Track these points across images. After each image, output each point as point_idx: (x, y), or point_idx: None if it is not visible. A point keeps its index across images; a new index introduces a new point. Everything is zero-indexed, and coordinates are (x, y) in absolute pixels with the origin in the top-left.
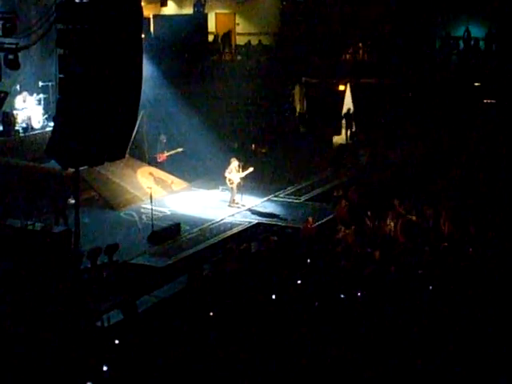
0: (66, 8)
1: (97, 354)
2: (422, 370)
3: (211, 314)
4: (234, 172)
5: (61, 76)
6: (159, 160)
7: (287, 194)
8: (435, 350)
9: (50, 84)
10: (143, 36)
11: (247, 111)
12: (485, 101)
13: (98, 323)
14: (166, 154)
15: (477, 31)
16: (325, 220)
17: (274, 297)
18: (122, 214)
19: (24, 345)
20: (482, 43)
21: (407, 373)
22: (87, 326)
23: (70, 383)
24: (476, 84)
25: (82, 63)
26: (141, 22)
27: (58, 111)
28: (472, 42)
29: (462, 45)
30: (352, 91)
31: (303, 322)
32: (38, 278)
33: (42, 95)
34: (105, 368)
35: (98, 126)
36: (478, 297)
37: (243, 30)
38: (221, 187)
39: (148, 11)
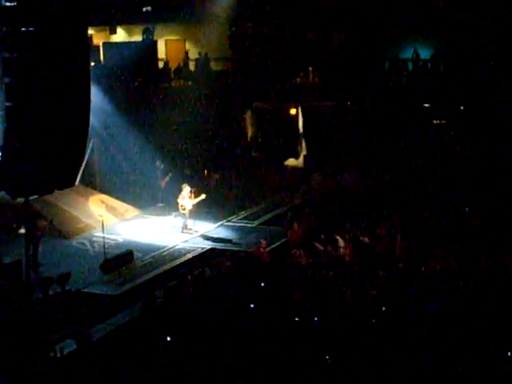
0: (12, 36)
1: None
2: None
3: (167, 339)
4: (187, 198)
5: (8, 104)
6: (162, 185)
7: (240, 219)
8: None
9: None
10: (92, 64)
11: (199, 136)
12: (435, 121)
13: (51, 354)
14: (164, 180)
15: (424, 52)
16: (278, 243)
17: (229, 321)
18: (73, 243)
19: None
20: (429, 64)
21: None
22: (40, 356)
23: None
24: (425, 105)
25: (28, 92)
26: (88, 49)
27: (6, 140)
28: (420, 63)
29: (410, 66)
30: (303, 115)
31: (259, 345)
32: None
33: None
34: None
35: (46, 154)
36: (436, 314)
37: (193, 56)
38: (173, 213)
39: (98, 39)
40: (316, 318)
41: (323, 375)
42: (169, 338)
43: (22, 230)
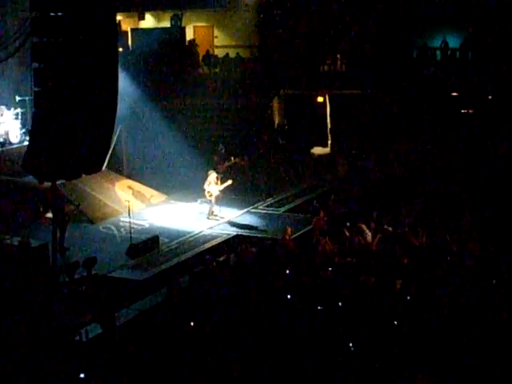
0: (42, 21)
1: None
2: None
3: (191, 325)
4: (213, 184)
5: (36, 90)
6: (219, 170)
7: (266, 206)
8: (416, 360)
9: (27, 98)
10: (121, 49)
11: (226, 124)
12: (462, 111)
13: (76, 337)
14: (227, 164)
15: (453, 41)
16: (303, 231)
17: (253, 308)
18: (100, 228)
19: (1, 359)
20: (457, 53)
21: None
22: (65, 340)
23: None
24: (453, 94)
25: (57, 77)
26: (116, 35)
27: (34, 125)
28: (449, 52)
29: (439, 55)
30: (330, 102)
31: (284, 333)
32: (16, 293)
33: (19, 110)
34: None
35: (74, 139)
36: (456, 307)
37: (221, 43)
38: (199, 200)
39: (126, 25)
40: (340, 304)
41: (346, 362)
42: (192, 324)
43: (49, 215)
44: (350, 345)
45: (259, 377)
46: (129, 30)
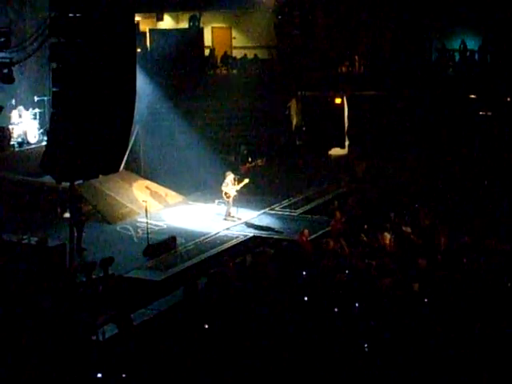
0: (60, 22)
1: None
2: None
3: (206, 326)
4: (230, 185)
5: (54, 90)
6: (242, 171)
7: (283, 207)
8: (432, 362)
9: (45, 98)
10: (139, 50)
11: (243, 125)
12: (481, 113)
13: (94, 337)
14: (248, 165)
15: (472, 43)
16: (321, 233)
17: (269, 310)
18: (117, 228)
19: (19, 359)
20: (476, 55)
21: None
22: (82, 339)
23: None
24: (472, 96)
25: (75, 77)
26: (134, 35)
27: (52, 125)
28: (467, 54)
29: (457, 57)
30: (348, 104)
31: (300, 334)
32: (33, 292)
33: (37, 110)
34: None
35: (92, 139)
36: (474, 309)
37: (239, 44)
38: (217, 201)
39: (144, 26)
40: (356, 305)
41: (361, 363)
42: (206, 326)
43: (67, 214)
44: (365, 346)
45: (274, 377)
46: (147, 30)
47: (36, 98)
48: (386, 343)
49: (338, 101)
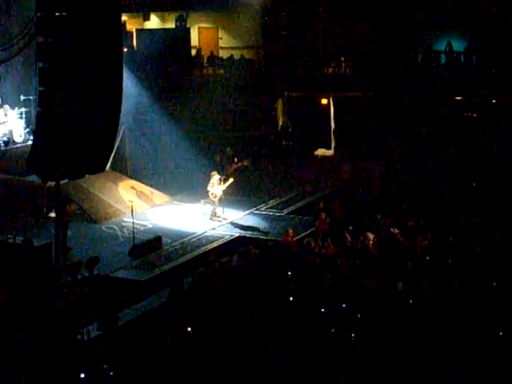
0: (46, 21)
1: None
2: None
3: (191, 327)
4: (216, 186)
5: (40, 89)
6: (228, 172)
7: (269, 208)
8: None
9: (31, 98)
10: (126, 50)
11: (229, 124)
12: (466, 114)
13: (78, 337)
14: (234, 166)
15: (457, 45)
16: (306, 233)
17: (255, 310)
18: (103, 228)
19: (2, 358)
20: (462, 57)
21: None
22: (67, 339)
23: None
24: (457, 98)
25: (61, 76)
26: (121, 35)
27: (38, 124)
28: (453, 56)
29: (443, 58)
30: (334, 105)
31: (285, 334)
32: (18, 292)
33: (23, 109)
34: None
35: (78, 139)
36: (459, 309)
37: (226, 44)
38: (202, 200)
39: (131, 25)
40: (344, 305)
41: (347, 362)
42: (189, 329)
43: (53, 214)
44: (351, 344)
45: (261, 377)
46: (134, 30)
47: (22, 97)
48: (371, 342)
49: (324, 102)
